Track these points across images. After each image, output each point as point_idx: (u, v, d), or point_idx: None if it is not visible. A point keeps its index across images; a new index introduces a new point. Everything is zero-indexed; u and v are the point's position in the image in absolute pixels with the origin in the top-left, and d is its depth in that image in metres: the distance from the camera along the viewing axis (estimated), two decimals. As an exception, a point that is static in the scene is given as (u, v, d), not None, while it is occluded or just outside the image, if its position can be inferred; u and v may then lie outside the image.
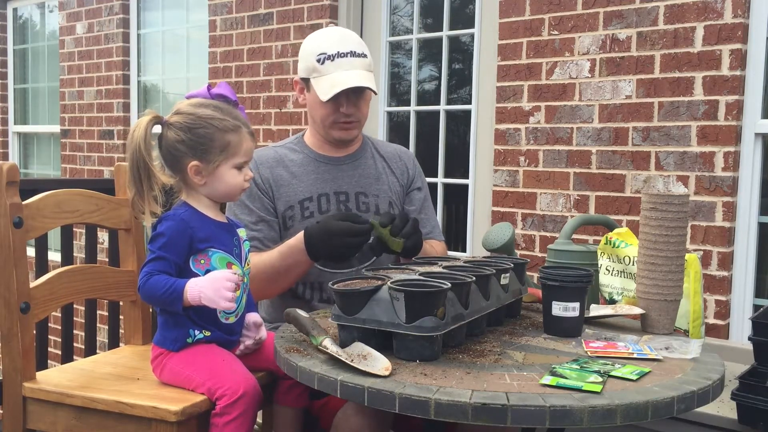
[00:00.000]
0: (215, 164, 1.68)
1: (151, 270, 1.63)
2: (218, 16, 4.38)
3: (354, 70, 2.01)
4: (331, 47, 2.02)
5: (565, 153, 3.02)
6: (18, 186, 1.78)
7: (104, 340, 3.17)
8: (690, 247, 2.64)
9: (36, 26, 6.10)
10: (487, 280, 1.61)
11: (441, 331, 1.41)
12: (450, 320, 1.44)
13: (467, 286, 1.51)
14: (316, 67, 2.02)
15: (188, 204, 1.73)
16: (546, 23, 3.06)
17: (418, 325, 1.39)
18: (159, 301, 1.64)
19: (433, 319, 1.39)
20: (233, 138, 1.68)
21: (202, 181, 1.70)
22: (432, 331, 1.39)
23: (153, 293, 1.62)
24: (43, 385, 1.76)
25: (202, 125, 1.67)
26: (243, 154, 1.71)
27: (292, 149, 2.15)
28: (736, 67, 2.60)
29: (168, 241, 1.65)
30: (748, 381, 1.91)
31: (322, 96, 1.99)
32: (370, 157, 2.19)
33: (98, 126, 5.27)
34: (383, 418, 1.63)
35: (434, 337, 1.41)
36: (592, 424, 1.21)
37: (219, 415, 1.61)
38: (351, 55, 2.02)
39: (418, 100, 3.72)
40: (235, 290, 1.61)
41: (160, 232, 1.67)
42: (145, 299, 1.67)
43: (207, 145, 1.67)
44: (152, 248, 1.66)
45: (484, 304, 1.60)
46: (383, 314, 1.42)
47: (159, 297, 1.62)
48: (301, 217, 2.06)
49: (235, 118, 1.70)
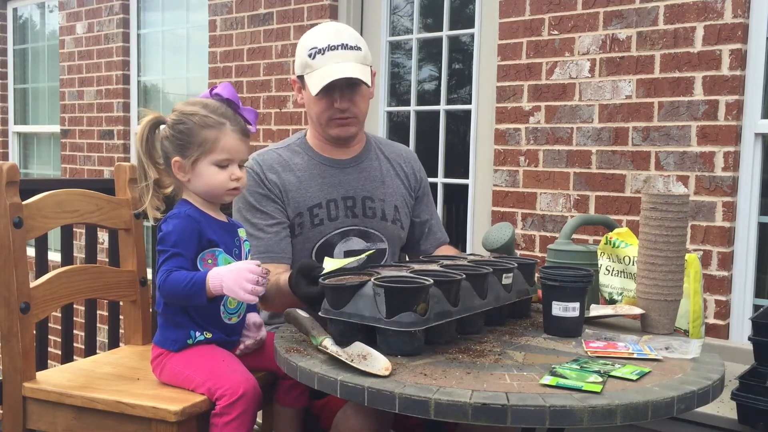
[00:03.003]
0: (191, 159, 1.68)
1: (169, 267, 1.61)
2: (218, 16, 4.38)
3: (346, 63, 1.95)
4: (323, 41, 1.97)
5: (565, 153, 3.02)
6: (18, 186, 1.78)
7: (104, 340, 3.16)
8: (690, 247, 2.64)
9: (36, 26, 6.10)
10: (482, 279, 1.61)
11: (419, 327, 1.43)
12: (433, 317, 1.45)
13: (456, 284, 1.52)
14: (308, 63, 1.98)
15: (189, 202, 1.73)
16: (546, 23, 3.06)
17: (396, 320, 1.42)
18: (182, 296, 1.61)
19: (412, 315, 1.42)
20: (211, 134, 1.67)
21: (185, 178, 1.71)
22: (410, 327, 1.42)
23: (174, 289, 1.60)
24: (43, 385, 1.76)
25: (183, 121, 1.69)
26: (222, 151, 1.68)
27: (295, 151, 2.10)
28: (736, 67, 2.60)
29: (179, 238, 1.64)
30: (748, 381, 1.91)
31: (313, 90, 1.95)
32: (375, 159, 2.16)
33: (98, 126, 5.27)
34: (383, 418, 1.63)
35: (413, 332, 1.43)
36: (592, 424, 1.21)
37: (219, 415, 1.61)
38: (343, 47, 1.96)
39: (418, 100, 3.72)
40: (258, 283, 1.56)
41: (168, 230, 1.65)
42: (167, 296, 1.63)
43: (185, 140, 1.68)
44: (164, 247, 1.64)
45: (477, 303, 1.60)
46: (366, 309, 1.45)
47: (181, 291, 1.59)
48: (310, 224, 2.02)
49: (220, 116, 1.69)
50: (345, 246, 2.04)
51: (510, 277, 1.72)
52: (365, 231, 2.07)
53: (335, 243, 2.03)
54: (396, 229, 2.12)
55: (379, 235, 2.08)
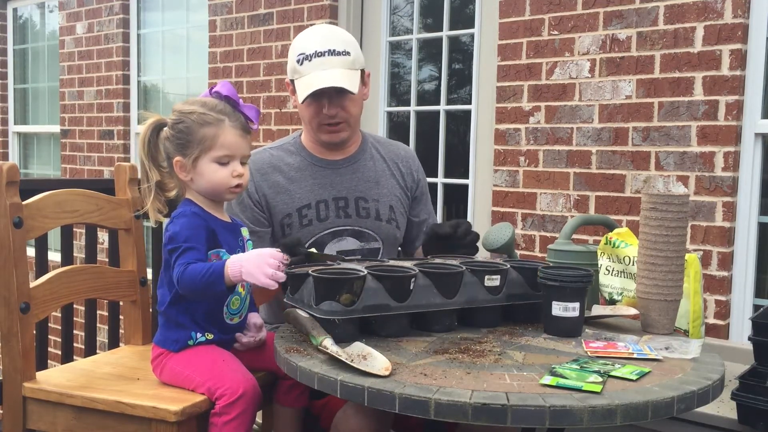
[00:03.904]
0: (192, 157, 1.67)
1: (186, 260, 1.60)
2: (218, 16, 4.38)
3: (332, 69, 1.95)
4: (311, 47, 1.97)
5: (565, 153, 3.02)
6: (18, 186, 1.78)
7: (104, 340, 3.16)
8: (690, 247, 2.64)
9: (36, 26, 6.10)
10: (448, 279, 1.63)
11: (338, 316, 1.51)
12: (362, 309, 1.53)
13: (405, 280, 1.57)
14: (297, 68, 1.98)
15: (193, 201, 1.73)
16: (546, 23, 3.06)
17: (319, 307, 1.52)
18: (200, 286, 1.58)
19: (332, 304, 1.51)
20: (210, 131, 1.67)
21: (187, 177, 1.70)
22: (328, 315, 1.51)
23: (193, 280, 1.58)
24: (43, 385, 1.76)
25: (182, 120, 1.69)
26: (221, 147, 1.67)
27: (289, 151, 2.11)
28: (736, 67, 2.60)
29: (190, 233, 1.64)
30: (748, 381, 1.91)
31: (300, 97, 1.96)
32: (370, 159, 2.15)
33: (98, 126, 5.27)
34: (383, 418, 1.63)
35: (334, 320, 1.51)
36: (592, 424, 1.21)
37: (218, 414, 1.61)
38: (330, 53, 1.95)
39: (418, 100, 3.72)
40: (278, 269, 1.55)
41: (177, 230, 1.64)
42: (186, 289, 1.61)
43: (185, 139, 1.68)
44: (176, 244, 1.63)
45: (438, 301, 1.62)
46: (306, 296, 1.56)
47: (200, 281, 1.58)
48: (299, 225, 2.03)
49: (219, 113, 1.68)
50: (337, 246, 2.05)
51: (495, 279, 1.69)
52: (359, 231, 2.07)
53: (326, 243, 2.04)
54: (391, 229, 2.12)
55: (373, 235, 2.09)
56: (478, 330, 1.68)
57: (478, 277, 1.67)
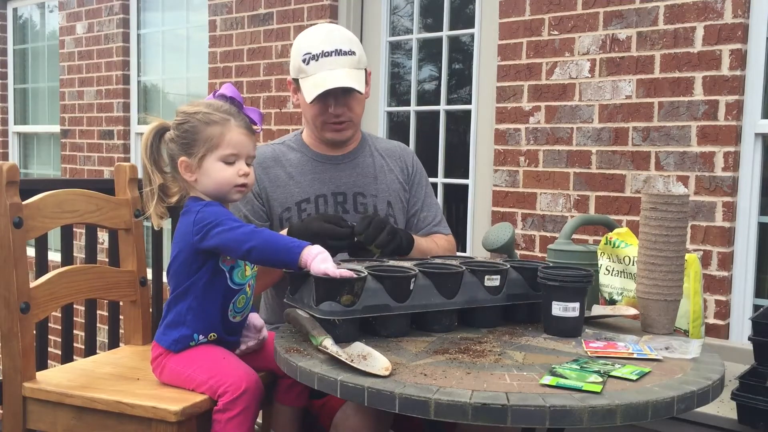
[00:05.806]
0: (198, 157, 1.67)
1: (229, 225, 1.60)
2: (218, 16, 4.38)
3: (339, 69, 1.96)
4: (316, 46, 1.97)
5: (565, 153, 3.02)
6: (18, 186, 1.78)
7: (104, 340, 3.16)
8: (690, 247, 2.64)
9: (36, 26, 6.10)
10: (448, 279, 1.63)
11: (338, 317, 1.51)
12: (362, 309, 1.53)
13: (405, 280, 1.57)
14: (302, 68, 1.99)
15: (200, 199, 1.72)
16: (546, 23, 3.06)
17: (319, 307, 1.52)
18: (279, 246, 1.57)
19: (332, 304, 1.51)
20: (215, 130, 1.67)
21: (192, 178, 1.70)
22: (327, 315, 1.51)
23: (272, 238, 1.58)
24: (43, 385, 1.76)
25: (188, 120, 1.68)
26: (227, 146, 1.67)
27: (290, 147, 2.13)
28: (736, 67, 2.60)
29: (218, 210, 1.64)
30: (748, 381, 1.91)
31: (307, 97, 1.96)
32: (369, 155, 2.17)
33: (98, 126, 5.27)
34: (383, 418, 1.63)
35: (334, 321, 1.51)
36: (592, 424, 1.21)
37: (221, 411, 1.61)
38: (336, 53, 1.96)
39: (418, 100, 3.72)
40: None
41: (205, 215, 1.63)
42: (261, 245, 1.57)
43: (190, 138, 1.68)
44: (208, 220, 1.61)
45: (438, 302, 1.62)
46: (306, 296, 1.57)
47: (281, 241, 1.58)
48: (298, 219, 2.04)
49: (224, 113, 1.68)
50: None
51: (495, 279, 1.69)
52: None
53: None
54: None
55: None
56: (478, 330, 1.68)
57: (478, 277, 1.67)
